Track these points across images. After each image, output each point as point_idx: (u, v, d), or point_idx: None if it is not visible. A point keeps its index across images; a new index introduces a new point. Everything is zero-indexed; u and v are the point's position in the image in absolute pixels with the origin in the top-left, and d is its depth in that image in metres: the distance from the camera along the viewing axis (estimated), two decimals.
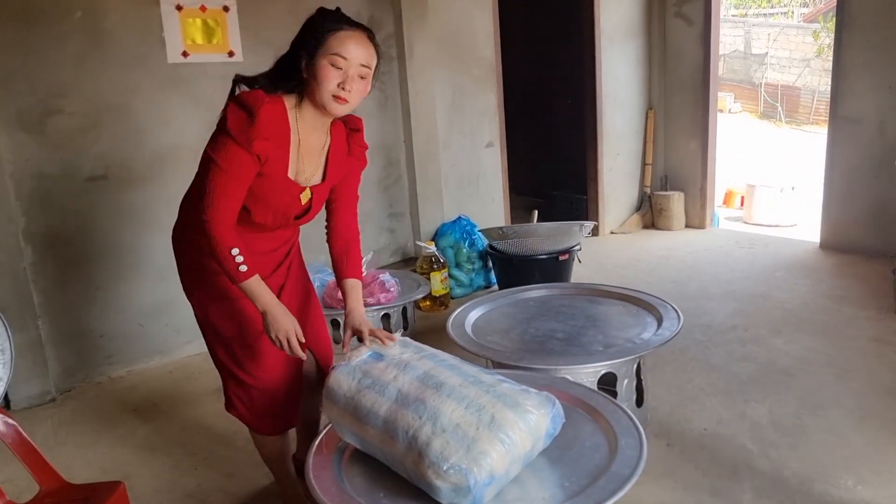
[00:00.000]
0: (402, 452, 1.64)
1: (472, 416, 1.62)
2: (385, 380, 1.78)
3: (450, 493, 1.54)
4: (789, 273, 4.97)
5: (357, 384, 1.80)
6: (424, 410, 1.64)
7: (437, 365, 1.82)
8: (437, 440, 1.57)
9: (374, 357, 1.89)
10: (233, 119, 1.89)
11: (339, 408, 1.81)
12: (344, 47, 1.89)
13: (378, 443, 1.71)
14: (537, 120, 7.60)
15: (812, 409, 3.01)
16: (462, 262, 4.87)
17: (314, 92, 1.93)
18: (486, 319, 3.07)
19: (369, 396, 1.75)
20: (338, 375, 1.86)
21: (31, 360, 3.54)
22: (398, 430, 1.65)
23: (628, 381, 2.66)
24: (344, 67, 1.90)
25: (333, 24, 1.92)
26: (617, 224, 6.48)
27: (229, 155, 1.88)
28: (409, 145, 4.83)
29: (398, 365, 1.82)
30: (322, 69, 1.89)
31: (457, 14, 5.03)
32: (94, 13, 3.59)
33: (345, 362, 1.90)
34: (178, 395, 3.63)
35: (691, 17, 6.03)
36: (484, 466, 1.54)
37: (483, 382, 1.74)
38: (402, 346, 1.94)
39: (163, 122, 3.86)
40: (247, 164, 1.90)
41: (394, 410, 1.69)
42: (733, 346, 3.72)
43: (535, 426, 1.66)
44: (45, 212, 3.60)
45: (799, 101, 16.87)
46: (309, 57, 1.91)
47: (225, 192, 1.90)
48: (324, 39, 1.89)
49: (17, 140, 3.47)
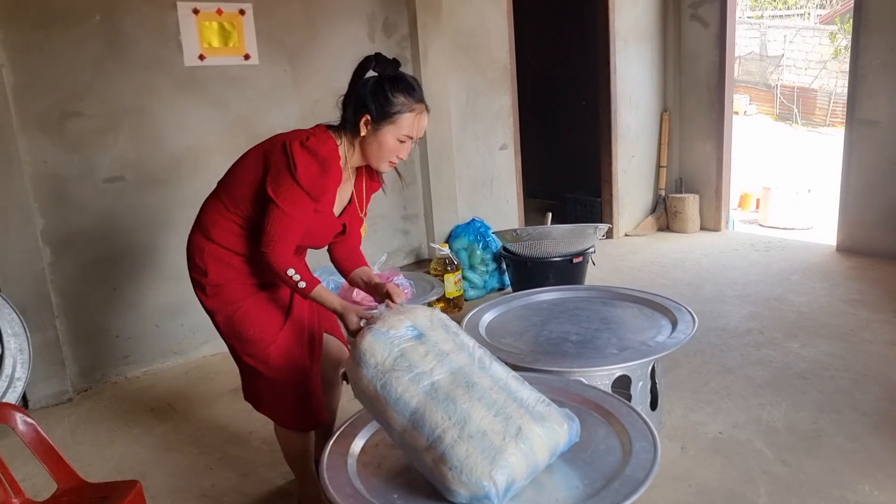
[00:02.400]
0: (423, 447, 1.63)
1: (499, 425, 1.63)
2: (422, 370, 1.72)
3: (466, 498, 1.56)
4: (805, 276, 4.94)
5: (392, 361, 1.74)
6: (455, 412, 1.64)
7: (470, 361, 1.80)
8: (463, 446, 1.58)
9: (415, 335, 1.81)
10: (304, 170, 1.98)
11: (367, 378, 1.74)
12: (414, 129, 2.07)
13: (399, 429, 1.69)
14: (551, 122, 7.59)
15: (828, 414, 2.99)
16: (476, 264, 4.87)
17: (370, 152, 2.10)
18: (499, 321, 3.07)
19: (403, 382, 1.70)
20: (373, 342, 1.77)
21: (48, 360, 3.58)
22: (425, 426, 1.64)
23: (643, 384, 2.66)
24: (406, 143, 2.09)
25: (407, 99, 2.03)
26: (631, 226, 6.46)
27: (296, 202, 2.00)
28: (423, 147, 4.84)
29: (438, 355, 1.76)
30: (387, 143, 2.07)
31: (471, 17, 5.04)
32: (113, 17, 3.63)
33: (382, 329, 1.80)
34: (194, 396, 3.65)
35: (707, 19, 6.00)
36: (504, 479, 1.56)
37: (509, 387, 1.75)
38: (444, 331, 1.86)
39: (179, 124, 3.89)
40: (310, 209, 2.04)
41: (424, 404, 1.67)
42: (748, 350, 3.71)
43: (556, 443, 1.68)
44: (63, 213, 3.64)
45: (815, 103, 16.73)
46: (375, 123, 2.04)
47: (287, 235, 2.02)
48: (395, 118, 2.03)
49: (36, 142, 3.52)
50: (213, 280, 2.18)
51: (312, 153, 1.98)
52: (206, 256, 2.18)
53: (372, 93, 2.03)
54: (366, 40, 4.50)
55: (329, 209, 2.15)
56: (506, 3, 5.21)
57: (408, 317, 1.84)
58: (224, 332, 2.24)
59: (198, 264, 2.21)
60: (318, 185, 1.99)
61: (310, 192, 1.99)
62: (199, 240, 2.22)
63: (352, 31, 4.42)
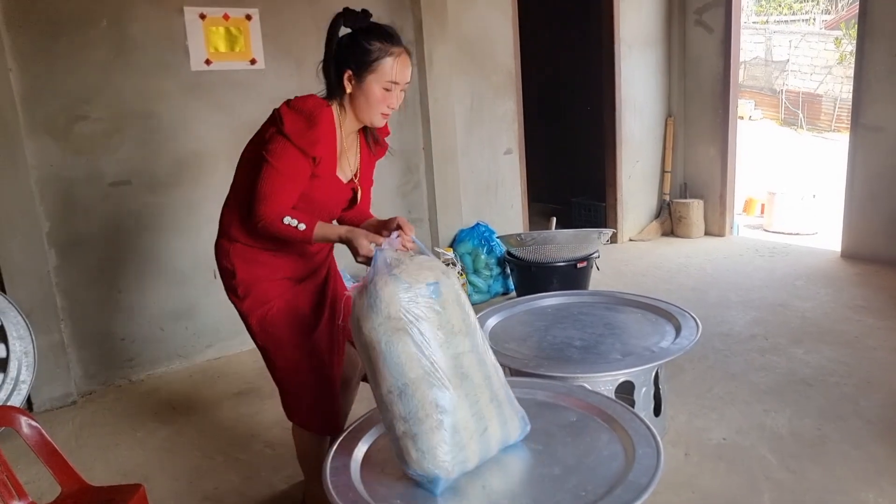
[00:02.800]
0: (401, 417, 1.69)
1: (473, 423, 1.72)
2: (429, 344, 1.70)
3: (417, 475, 1.69)
4: (810, 282, 4.93)
5: (405, 321, 1.69)
6: (443, 401, 1.68)
7: (472, 348, 1.80)
8: (437, 436, 1.66)
9: (433, 296, 1.75)
10: (291, 124, 1.98)
11: (375, 326, 1.70)
12: (396, 73, 2.03)
13: (385, 390, 1.71)
14: (556, 127, 7.60)
15: (832, 420, 2.98)
16: (480, 268, 4.88)
17: (360, 107, 2.07)
18: (503, 326, 3.07)
19: (408, 349, 1.68)
20: (394, 292, 1.70)
21: (53, 363, 3.59)
22: (411, 403, 1.68)
23: (646, 390, 2.65)
24: (393, 90, 2.06)
25: (383, 44, 2.01)
26: (636, 231, 6.46)
27: (287, 157, 1.98)
28: (428, 152, 4.85)
29: (448, 333, 1.74)
30: (373, 93, 2.04)
31: (477, 22, 5.05)
32: (120, 21, 3.65)
33: (404, 281, 1.72)
34: (198, 399, 3.66)
35: (711, 24, 6.01)
36: (458, 473, 1.70)
37: (492, 384, 1.81)
38: (457, 304, 1.80)
39: (185, 128, 3.91)
40: (303, 166, 2.00)
41: (419, 381, 1.68)
42: (753, 356, 3.70)
43: (507, 441, 1.83)
44: (69, 216, 3.66)
45: (821, 109, 16.70)
46: (357, 76, 2.02)
47: (280, 191, 1.99)
48: (375, 65, 2.01)
49: (42, 146, 3.53)
50: (242, 278, 2.17)
51: (297, 109, 2.00)
52: (232, 257, 2.17)
53: (348, 47, 2.02)
54: None
55: (331, 173, 2.12)
56: (511, 9, 5.22)
57: (430, 272, 1.79)
58: (257, 335, 2.22)
59: (226, 267, 2.20)
60: (306, 138, 1.98)
61: (298, 144, 1.97)
62: (222, 243, 2.22)
63: None
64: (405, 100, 4.85)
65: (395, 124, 4.65)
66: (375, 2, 4.44)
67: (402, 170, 4.81)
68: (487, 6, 5.08)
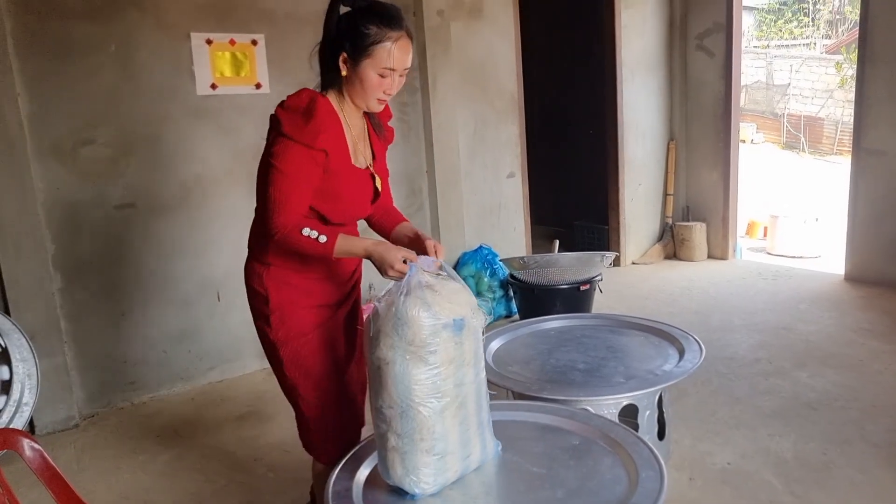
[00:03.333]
0: (395, 432, 1.71)
1: (459, 449, 1.77)
2: (441, 375, 1.72)
3: (396, 485, 1.74)
4: (813, 305, 4.92)
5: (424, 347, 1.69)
6: (439, 428, 1.72)
7: (475, 379, 1.83)
8: (426, 458, 1.71)
9: (455, 333, 1.75)
10: (289, 122, 1.88)
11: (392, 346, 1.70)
12: (393, 60, 1.91)
13: (386, 404, 1.72)
14: (559, 150, 7.63)
15: (838, 445, 2.97)
16: (483, 291, 4.88)
17: (356, 91, 1.96)
18: (506, 349, 3.06)
19: (420, 374, 1.69)
20: (421, 317, 1.69)
21: (56, 386, 3.59)
22: (410, 424, 1.70)
23: (650, 413, 2.64)
24: (390, 76, 1.94)
25: (380, 28, 1.89)
26: (638, 254, 6.46)
27: (292, 157, 1.87)
28: (431, 175, 4.87)
29: (459, 365, 1.76)
30: (369, 78, 1.92)
31: (480, 47, 5.10)
32: (128, 47, 3.69)
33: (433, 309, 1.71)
34: (200, 422, 3.65)
35: (712, 49, 6.06)
36: (437, 488, 1.74)
37: (482, 410, 1.85)
38: (474, 338, 1.82)
39: (190, 151, 3.94)
40: (311, 163, 1.88)
41: (419, 405, 1.70)
42: (757, 379, 3.69)
43: (479, 462, 1.86)
44: (74, 239, 3.68)
45: (822, 132, 16.75)
46: (353, 59, 1.91)
47: (291, 196, 1.87)
48: (371, 49, 1.89)
49: (49, 169, 3.56)
50: (276, 305, 2.04)
51: (291, 107, 1.91)
52: (265, 280, 2.04)
53: (345, 28, 1.91)
54: None
55: (347, 164, 1.99)
56: (514, 34, 5.27)
57: (460, 306, 1.78)
58: (287, 367, 2.08)
59: (257, 290, 2.07)
60: (306, 131, 1.86)
61: (301, 140, 1.86)
62: (254, 266, 2.09)
63: None
64: (409, 123, 4.91)
65: (398, 148, 4.70)
66: None
67: (405, 192, 4.83)
68: (491, 32, 5.14)
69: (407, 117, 4.77)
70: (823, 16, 21.65)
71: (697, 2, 6.11)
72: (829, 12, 21.57)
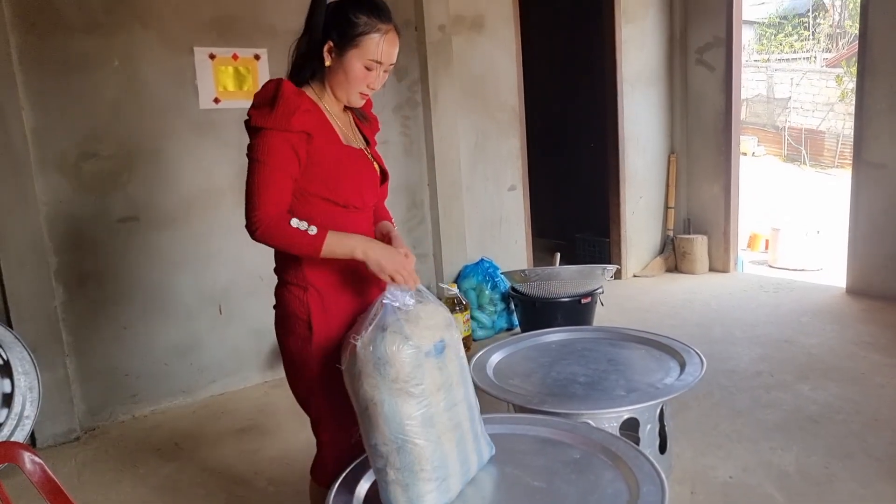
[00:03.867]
0: (394, 466, 1.69)
1: (459, 468, 1.77)
2: (431, 404, 1.70)
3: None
4: (815, 318, 4.91)
5: (407, 381, 1.66)
6: (437, 454, 1.71)
7: (465, 396, 1.83)
8: (428, 486, 1.69)
9: (438, 355, 1.72)
10: (258, 114, 1.81)
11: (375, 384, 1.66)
12: (381, 52, 1.86)
13: (381, 443, 1.69)
14: (560, 163, 7.65)
15: (840, 459, 2.96)
16: (484, 304, 4.88)
17: (338, 82, 1.90)
18: (507, 362, 3.06)
19: (408, 406, 1.67)
20: (404, 354, 1.65)
21: (57, 399, 3.59)
22: (408, 457, 1.68)
23: (651, 427, 2.64)
24: (376, 70, 1.89)
25: (370, 19, 1.84)
26: (640, 267, 6.46)
27: (267, 145, 1.78)
28: (432, 188, 4.89)
29: (447, 388, 1.74)
30: (353, 69, 1.86)
31: (481, 61, 5.13)
32: (131, 62, 3.72)
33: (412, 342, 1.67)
34: (201, 435, 3.65)
35: (712, 63, 6.08)
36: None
37: (475, 423, 1.86)
38: (456, 357, 1.81)
39: (193, 165, 3.96)
40: (288, 148, 1.78)
41: (413, 436, 1.68)
42: (759, 392, 3.68)
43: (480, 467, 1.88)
44: (76, 252, 3.69)
45: (823, 145, 16.81)
46: (338, 48, 1.86)
47: (270, 185, 1.76)
48: (359, 40, 1.83)
49: (53, 183, 3.58)
50: (319, 328, 1.90)
51: (257, 101, 1.84)
52: (308, 302, 1.90)
53: (333, 16, 1.85)
54: None
55: (336, 141, 1.88)
56: (514, 48, 5.30)
57: (437, 329, 1.75)
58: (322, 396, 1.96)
59: (297, 314, 1.91)
60: (278, 116, 1.77)
61: (273, 126, 1.77)
62: (290, 290, 1.93)
63: None
64: (411, 137, 4.93)
65: (399, 161, 4.72)
66: None
67: (406, 205, 4.85)
68: (492, 46, 5.17)
69: (408, 131, 4.79)
70: (824, 30, 21.75)
71: (697, 16, 6.15)
72: (829, 26, 21.68)
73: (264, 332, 4.18)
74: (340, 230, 1.84)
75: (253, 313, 4.15)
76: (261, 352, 4.30)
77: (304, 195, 1.85)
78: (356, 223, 1.94)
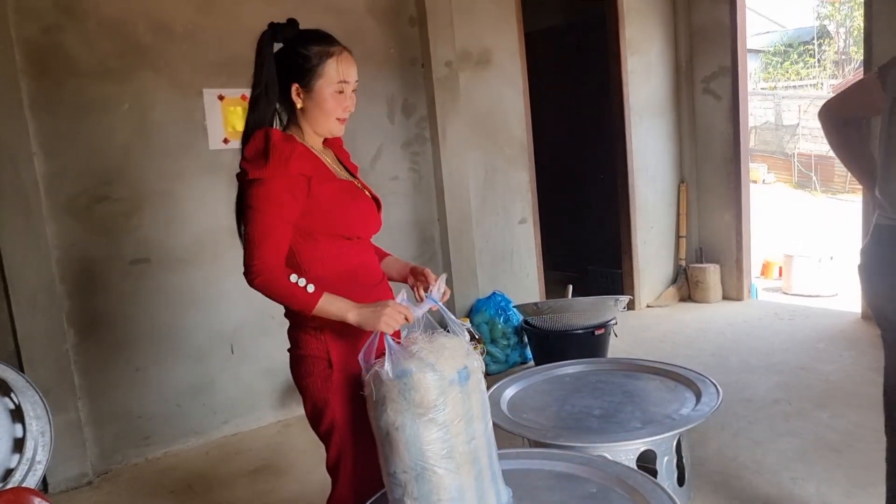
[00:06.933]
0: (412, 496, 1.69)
1: (475, 499, 1.74)
2: (452, 433, 1.71)
3: None
4: (831, 344, 4.85)
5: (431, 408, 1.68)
6: (455, 487, 1.69)
7: (484, 431, 1.82)
8: None
9: (463, 381, 1.74)
10: (253, 167, 1.81)
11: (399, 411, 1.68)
12: (343, 72, 1.90)
13: (400, 471, 1.70)
14: (570, 195, 7.66)
15: (863, 488, 2.89)
16: (497, 337, 4.85)
17: (315, 118, 1.93)
18: (521, 396, 3.03)
19: (433, 436, 1.68)
20: (429, 382, 1.68)
21: (69, 442, 3.58)
22: (426, 487, 1.68)
23: (668, 459, 2.59)
24: (346, 91, 1.93)
25: (321, 46, 1.89)
26: (653, 297, 6.42)
27: (266, 194, 1.78)
28: (443, 223, 4.90)
29: (468, 420, 1.75)
30: (327, 99, 1.90)
31: (489, 96, 5.17)
32: (142, 105, 3.78)
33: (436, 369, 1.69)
34: (214, 477, 3.62)
35: (719, 92, 6.11)
36: None
37: (493, 464, 1.83)
38: (479, 390, 1.82)
39: (203, 206, 3.99)
40: (287, 194, 1.80)
41: (434, 466, 1.69)
42: (777, 421, 3.62)
43: None
44: (88, 295, 3.71)
45: (833, 171, 16.75)
46: (305, 86, 1.89)
47: (269, 234, 1.78)
48: (320, 68, 1.88)
49: (64, 226, 3.61)
50: (340, 367, 1.92)
51: (248, 154, 1.84)
52: (329, 345, 1.91)
53: (286, 59, 1.89)
54: (386, 121, 4.62)
55: (331, 176, 1.92)
56: (522, 83, 5.35)
57: (459, 357, 1.77)
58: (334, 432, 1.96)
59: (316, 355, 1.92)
60: (272, 163, 1.77)
61: (269, 175, 1.77)
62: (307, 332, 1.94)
63: (373, 113, 4.54)
64: (420, 172, 4.95)
65: (409, 197, 4.74)
66: (387, 80, 4.59)
67: (417, 241, 4.85)
68: (499, 81, 5.22)
69: (417, 167, 4.82)
70: (829, 56, 21.85)
71: (702, 46, 6.19)
72: (834, 53, 21.78)
73: (277, 370, 4.17)
74: (349, 262, 1.91)
75: (265, 352, 4.14)
76: (273, 391, 4.28)
77: (309, 234, 1.88)
78: (361, 253, 2.00)
